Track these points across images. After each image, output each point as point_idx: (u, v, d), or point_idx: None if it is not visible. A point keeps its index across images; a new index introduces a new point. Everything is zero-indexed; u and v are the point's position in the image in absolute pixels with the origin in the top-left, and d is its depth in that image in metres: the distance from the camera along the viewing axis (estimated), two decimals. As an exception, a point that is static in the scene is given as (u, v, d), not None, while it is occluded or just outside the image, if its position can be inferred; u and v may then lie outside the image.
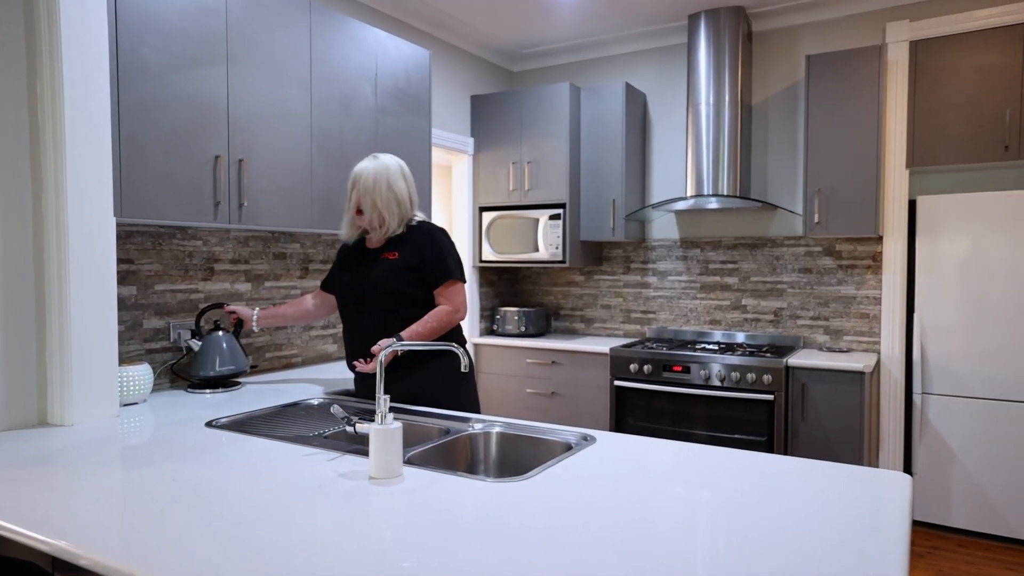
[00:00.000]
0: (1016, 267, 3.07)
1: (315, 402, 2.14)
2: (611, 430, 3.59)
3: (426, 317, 2.11)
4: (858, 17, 3.53)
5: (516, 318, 4.12)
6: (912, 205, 3.47)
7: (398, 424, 1.39)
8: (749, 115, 3.80)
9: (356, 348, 2.16)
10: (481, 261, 4.21)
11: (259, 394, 2.27)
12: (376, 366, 2.01)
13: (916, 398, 3.30)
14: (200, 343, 2.32)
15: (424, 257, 2.12)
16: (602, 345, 3.75)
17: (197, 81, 2.14)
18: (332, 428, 1.81)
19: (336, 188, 2.69)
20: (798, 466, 1.45)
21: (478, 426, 1.80)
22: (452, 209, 4.36)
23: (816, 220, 3.39)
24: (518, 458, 1.76)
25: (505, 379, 3.99)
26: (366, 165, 2.14)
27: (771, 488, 1.31)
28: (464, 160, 4.17)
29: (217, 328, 2.39)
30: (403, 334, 2.06)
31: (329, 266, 3.11)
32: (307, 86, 2.54)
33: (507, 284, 4.63)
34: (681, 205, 3.64)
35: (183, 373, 2.46)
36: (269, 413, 1.99)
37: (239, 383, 2.41)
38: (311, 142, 2.57)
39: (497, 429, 1.78)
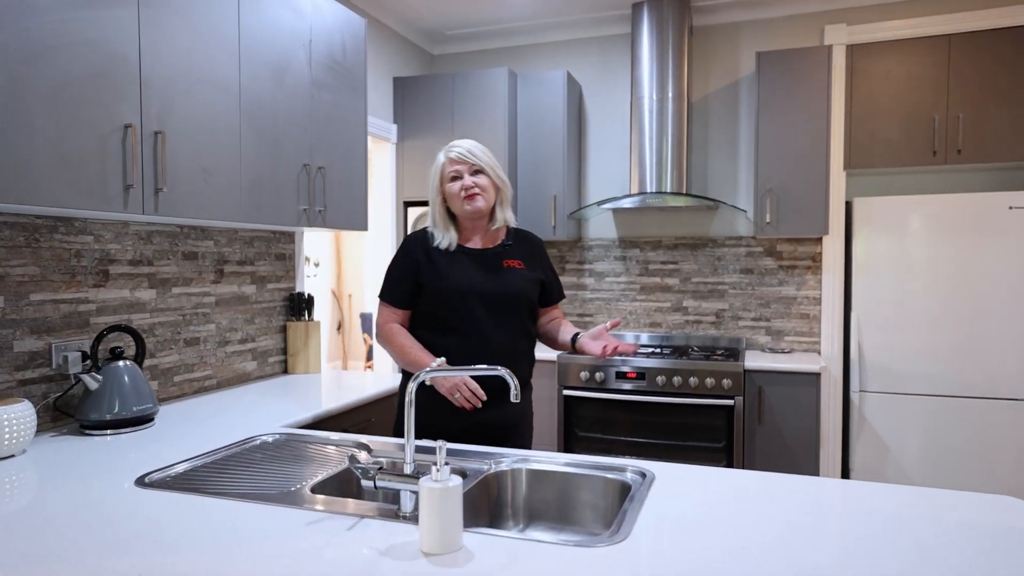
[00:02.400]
0: (946, 267, 3.20)
1: (270, 439, 1.69)
2: (560, 443, 3.35)
3: (564, 329, 1.93)
4: (798, 18, 3.55)
5: (445, 324, 3.76)
6: (848, 206, 3.53)
7: (458, 480, 1.04)
8: (691, 111, 3.71)
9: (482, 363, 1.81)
10: (405, 262, 3.80)
11: (181, 432, 1.78)
12: (477, 401, 1.70)
13: (854, 396, 3.36)
14: (99, 379, 1.78)
15: (544, 271, 1.92)
16: (544, 351, 3.49)
17: (100, 24, 1.62)
18: (315, 477, 1.40)
19: (268, 175, 2.21)
20: (902, 494, 1.26)
21: (503, 463, 1.47)
22: (371, 202, 3.91)
23: (767, 220, 3.35)
24: (555, 502, 1.45)
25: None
26: (458, 142, 1.80)
27: (900, 521, 1.10)
28: (387, 148, 3.75)
29: (117, 356, 1.86)
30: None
31: (249, 268, 2.60)
32: (235, 47, 2.05)
33: (428, 287, 4.24)
34: (628, 203, 3.47)
35: (68, 408, 1.90)
36: (217, 460, 1.53)
37: (150, 418, 1.88)
38: (240, 117, 2.09)
39: (533, 466, 1.46)
